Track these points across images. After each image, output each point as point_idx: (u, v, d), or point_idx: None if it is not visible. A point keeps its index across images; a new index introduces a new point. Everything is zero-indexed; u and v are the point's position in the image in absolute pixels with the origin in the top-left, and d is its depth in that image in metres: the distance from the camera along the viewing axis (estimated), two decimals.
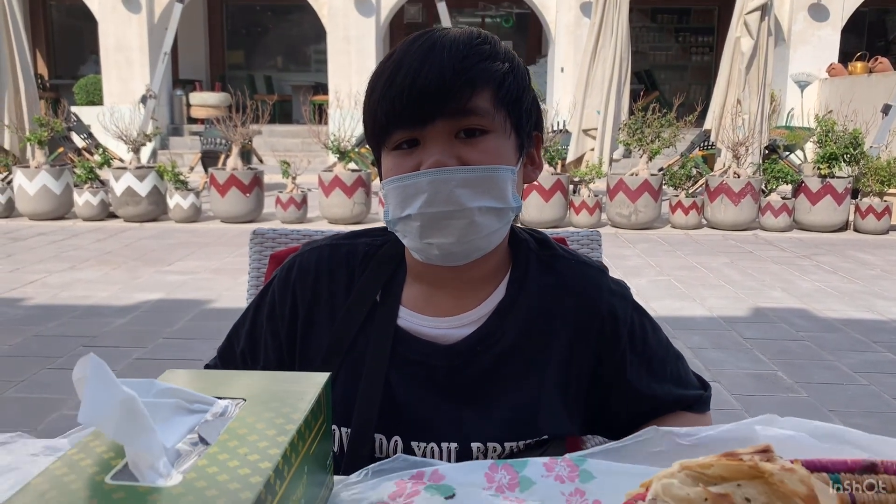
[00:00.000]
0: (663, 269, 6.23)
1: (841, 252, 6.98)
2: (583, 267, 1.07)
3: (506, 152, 0.94)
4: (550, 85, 13.63)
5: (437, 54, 0.90)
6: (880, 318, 4.84)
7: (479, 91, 0.91)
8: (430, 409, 0.97)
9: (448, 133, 0.91)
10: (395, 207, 0.94)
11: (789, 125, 11.64)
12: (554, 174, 7.96)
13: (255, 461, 0.53)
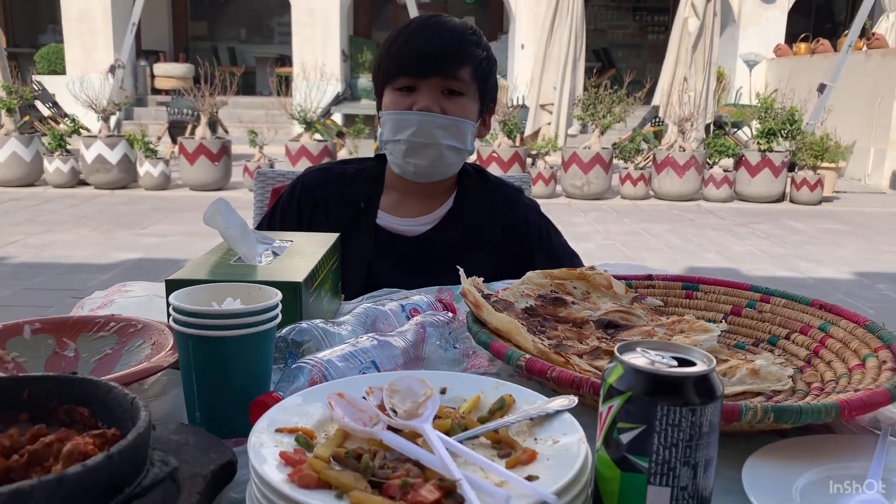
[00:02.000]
0: (610, 235, 6.69)
1: (776, 220, 7.53)
2: (506, 187, 1.52)
3: (472, 112, 1.43)
4: (511, 61, 13.98)
5: (444, 33, 1.40)
6: (800, 276, 5.37)
7: (464, 65, 1.40)
8: (400, 283, 1.36)
9: (437, 88, 1.40)
10: (389, 132, 1.39)
11: (738, 102, 12.19)
12: (512, 147, 8.36)
13: (304, 264, 0.93)
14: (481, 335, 0.83)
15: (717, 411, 0.54)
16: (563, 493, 0.52)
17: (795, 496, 0.62)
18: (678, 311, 1.03)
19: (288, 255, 0.99)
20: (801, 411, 0.66)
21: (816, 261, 5.83)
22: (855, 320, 0.89)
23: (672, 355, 0.56)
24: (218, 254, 0.99)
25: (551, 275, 1.04)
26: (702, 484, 0.53)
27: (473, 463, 0.57)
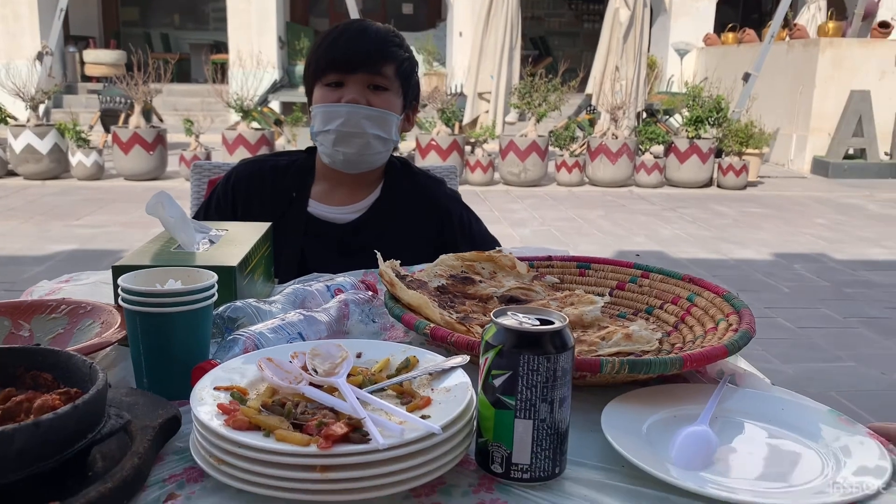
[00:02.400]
0: (546, 221, 6.91)
1: (703, 205, 7.87)
2: (429, 178, 1.65)
3: (396, 106, 1.58)
4: (449, 49, 14.09)
5: (369, 34, 1.56)
6: (722, 258, 5.66)
7: (388, 63, 1.55)
8: (331, 267, 1.48)
9: (363, 83, 1.54)
10: (319, 124, 1.52)
11: (670, 90, 12.59)
12: (451, 135, 8.49)
13: (238, 251, 1.04)
14: (395, 309, 0.95)
15: (569, 359, 0.68)
16: (449, 426, 0.65)
17: (643, 430, 0.77)
18: (572, 286, 1.18)
19: (223, 243, 1.10)
20: (651, 363, 0.81)
21: (738, 243, 6.15)
22: (716, 291, 1.05)
23: (536, 317, 0.70)
24: (159, 242, 1.09)
25: (462, 257, 1.17)
26: (558, 417, 0.67)
27: (380, 409, 0.70)
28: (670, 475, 0.68)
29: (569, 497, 0.67)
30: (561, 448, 0.68)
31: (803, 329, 4.10)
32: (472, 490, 0.67)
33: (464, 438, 0.68)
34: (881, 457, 0.71)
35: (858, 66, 9.95)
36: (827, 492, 0.66)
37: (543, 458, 0.67)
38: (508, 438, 0.67)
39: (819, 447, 0.75)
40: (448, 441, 0.65)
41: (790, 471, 0.71)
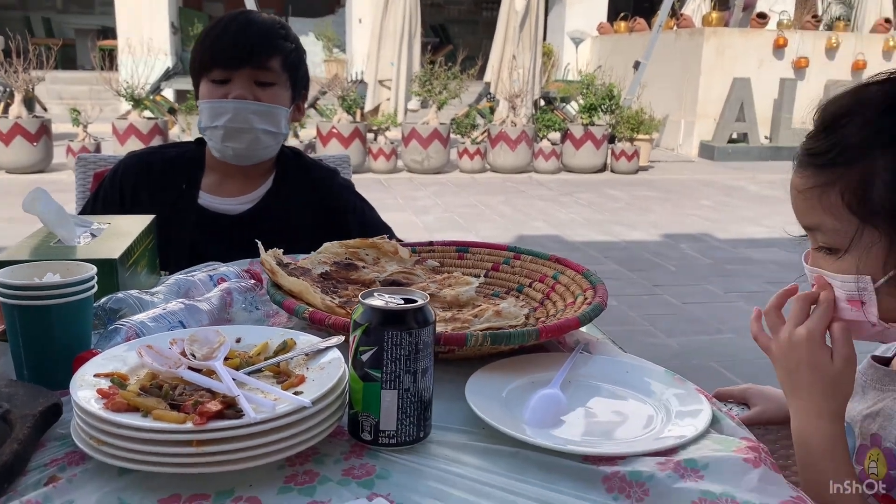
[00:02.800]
0: (449, 208, 7.02)
1: (597, 189, 8.18)
2: (322, 169, 1.69)
3: (284, 99, 1.60)
4: (349, 35, 13.97)
5: (253, 27, 1.56)
6: (614, 240, 5.93)
7: (274, 56, 1.55)
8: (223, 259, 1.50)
9: (250, 79, 1.55)
10: (206, 119, 1.54)
11: (566, 78, 12.95)
12: (352, 122, 8.47)
13: (120, 244, 1.05)
14: (277, 296, 1.00)
15: (430, 334, 0.74)
16: (320, 400, 0.71)
17: (503, 396, 0.85)
18: (451, 269, 1.25)
19: (105, 237, 1.11)
20: (510, 335, 0.89)
21: (630, 225, 6.44)
22: (577, 269, 1.15)
23: (401, 297, 0.76)
24: (38, 237, 1.09)
25: (346, 244, 1.22)
26: (421, 386, 0.74)
27: (256, 388, 0.74)
28: (522, 433, 0.76)
29: (432, 458, 0.74)
30: (425, 415, 0.75)
31: (687, 304, 4.37)
32: (343, 457, 0.73)
33: (335, 411, 0.74)
34: (703, 406, 0.81)
35: (739, 54, 10.53)
36: (660, 438, 0.76)
37: (408, 424, 0.74)
38: (376, 408, 0.73)
39: (654, 402, 0.85)
40: (319, 414, 0.71)
41: (630, 423, 0.81)
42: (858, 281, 0.82)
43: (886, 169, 0.78)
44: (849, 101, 0.84)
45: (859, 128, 0.80)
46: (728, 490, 0.66)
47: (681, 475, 0.68)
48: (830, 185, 0.82)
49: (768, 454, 0.72)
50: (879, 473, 0.87)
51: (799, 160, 0.86)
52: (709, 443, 0.74)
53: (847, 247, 0.82)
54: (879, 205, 0.79)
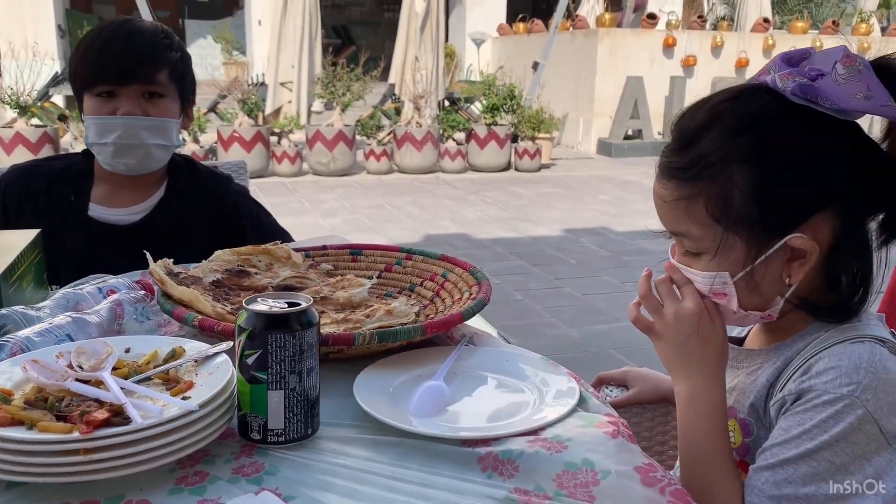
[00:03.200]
0: (356, 209, 7.02)
1: (502, 188, 8.35)
2: (215, 175, 1.70)
3: (174, 110, 1.59)
4: (249, 37, 13.74)
5: (137, 39, 1.52)
6: (519, 236, 6.09)
7: (161, 69, 1.53)
8: (116, 270, 1.48)
9: (138, 93, 1.53)
10: (94, 136, 1.52)
11: (469, 79, 13.13)
12: (254, 126, 8.34)
13: (3, 261, 1.04)
14: (166, 305, 1.01)
15: (315, 335, 0.78)
16: (207, 404, 0.74)
17: (391, 390, 0.90)
18: (344, 272, 1.29)
19: None
20: (397, 332, 0.94)
21: (534, 221, 6.63)
22: (464, 267, 1.21)
23: (286, 301, 0.79)
24: None
25: (238, 251, 1.24)
26: (307, 385, 0.78)
27: (145, 395, 0.77)
28: (407, 424, 0.81)
29: (320, 452, 0.78)
30: (312, 412, 0.79)
31: (587, 296, 4.54)
32: (233, 457, 0.76)
33: (224, 413, 0.77)
34: (572, 388, 0.88)
35: (632, 54, 10.97)
36: (532, 419, 0.82)
37: (296, 422, 0.78)
38: (263, 408, 0.77)
39: (529, 386, 0.91)
40: (207, 417, 0.74)
41: (507, 407, 0.87)
42: (718, 277, 0.90)
43: (745, 182, 0.86)
44: (704, 117, 0.90)
45: (717, 144, 0.87)
46: (588, 458, 0.73)
47: (547, 450, 0.74)
48: (695, 198, 0.89)
49: (627, 427, 0.80)
50: (736, 441, 0.96)
51: (661, 171, 0.93)
52: (574, 420, 0.81)
53: (714, 251, 0.90)
54: (738, 214, 0.87)
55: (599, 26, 11.23)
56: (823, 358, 0.86)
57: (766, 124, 0.87)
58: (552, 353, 3.96)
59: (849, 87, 0.82)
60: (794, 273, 0.89)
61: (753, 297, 0.91)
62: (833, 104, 0.84)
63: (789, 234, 0.86)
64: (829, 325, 0.91)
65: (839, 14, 14.69)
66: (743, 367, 1.00)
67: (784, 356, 0.93)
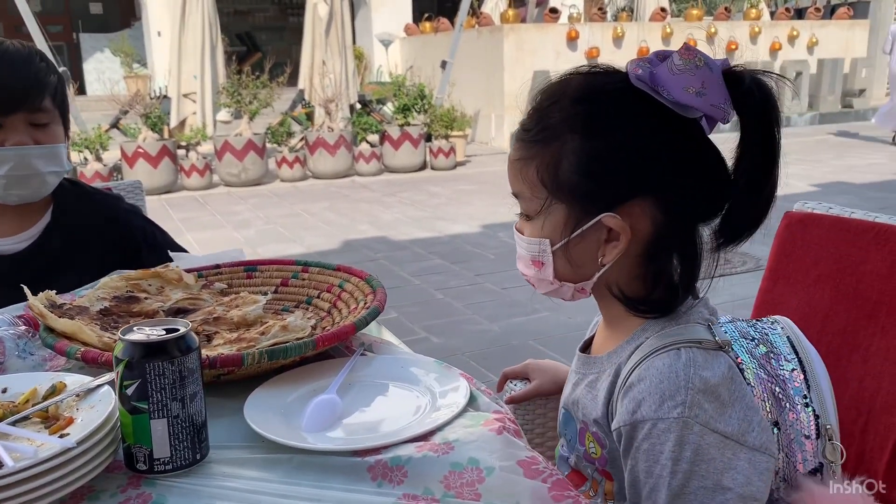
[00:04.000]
0: (271, 219, 6.91)
1: (419, 187, 8.38)
2: (104, 196, 1.67)
3: (60, 135, 1.56)
4: (149, 49, 13.32)
5: (17, 65, 1.46)
6: (437, 235, 6.12)
7: (45, 96, 1.49)
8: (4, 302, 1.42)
9: (25, 122, 1.49)
10: None
11: (380, 80, 13.10)
12: (159, 140, 8.09)
13: None
14: (48, 339, 0.98)
15: (195, 359, 0.78)
16: (86, 440, 0.72)
17: (283, 407, 0.90)
18: (239, 290, 1.27)
19: None
20: (287, 349, 0.94)
21: (451, 219, 6.67)
22: (360, 276, 1.21)
23: (164, 328, 0.78)
24: None
25: (127, 277, 1.21)
26: (192, 411, 0.77)
27: (21, 436, 0.74)
28: (300, 440, 0.81)
29: (210, 476, 0.77)
30: (199, 437, 0.78)
31: (506, 290, 4.61)
32: (120, 490, 0.75)
33: (106, 447, 0.75)
34: (462, 389, 0.91)
35: (537, 48, 11.17)
36: (422, 424, 0.84)
37: (182, 448, 0.77)
38: (147, 438, 0.75)
39: (422, 390, 0.93)
40: (86, 453, 0.72)
41: (400, 414, 0.88)
42: (539, 243, 0.93)
43: (574, 152, 0.89)
44: (556, 87, 0.94)
45: (559, 112, 0.91)
46: (473, 457, 0.75)
47: (434, 452, 0.76)
48: (531, 160, 0.92)
49: (514, 423, 0.82)
50: (597, 453, 0.97)
51: (514, 134, 0.98)
52: (463, 421, 0.83)
53: (537, 213, 0.93)
54: (563, 182, 0.90)
55: (504, 22, 11.39)
56: (644, 379, 0.86)
57: (603, 99, 0.90)
58: (474, 348, 3.99)
59: (682, 79, 0.84)
60: (608, 253, 0.91)
61: (569, 269, 0.94)
62: (669, 94, 0.86)
63: (605, 212, 0.89)
64: (653, 326, 0.92)
65: (730, 0, 15.36)
66: (584, 377, 1.00)
67: (615, 364, 0.94)
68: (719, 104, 0.85)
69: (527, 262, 0.97)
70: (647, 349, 0.89)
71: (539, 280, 0.97)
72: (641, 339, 0.92)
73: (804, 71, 12.74)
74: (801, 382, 1.00)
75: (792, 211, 1.41)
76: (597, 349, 1.04)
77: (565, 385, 1.08)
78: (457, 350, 3.70)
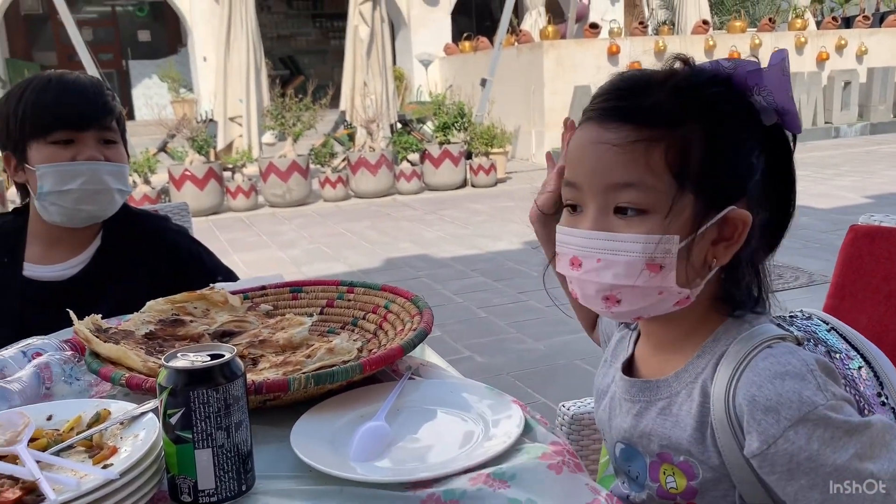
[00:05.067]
0: (315, 238, 6.95)
1: (460, 205, 8.36)
2: (151, 217, 1.69)
3: (125, 156, 1.60)
4: (195, 74, 13.63)
5: (88, 88, 1.53)
6: (479, 252, 6.08)
7: (112, 117, 1.56)
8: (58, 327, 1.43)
9: (96, 139, 1.54)
10: (52, 184, 1.49)
11: (420, 100, 13.18)
12: (206, 163, 8.23)
13: None
14: (93, 364, 0.97)
15: (241, 387, 0.75)
16: (129, 471, 0.70)
17: (331, 435, 0.86)
18: (285, 311, 1.25)
19: None
20: (333, 374, 0.91)
21: (493, 236, 6.63)
22: (406, 296, 1.18)
23: (208, 353, 0.76)
24: None
25: (172, 300, 1.20)
26: (237, 440, 0.75)
27: (65, 467, 0.72)
28: (348, 470, 0.78)
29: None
30: (244, 467, 0.76)
31: (550, 307, 4.54)
32: None
33: (150, 478, 0.73)
34: (516, 418, 0.86)
35: (578, 63, 11.11)
36: (474, 454, 0.80)
37: (228, 480, 0.74)
38: (192, 469, 0.73)
39: (474, 418, 0.89)
40: (130, 485, 0.70)
41: (451, 443, 0.84)
42: (664, 241, 0.81)
43: (699, 139, 0.81)
44: (655, 73, 0.87)
45: (672, 96, 0.83)
46: (531, 497, 0.70)
47: (489, 486, 0.72)
48: (656, 142, 0.81)
49: (573, 455, 0.78)
50: (679, 486, 0.88)
51: (610, 114, 0.84)
52: (518, 453, 0.79)
53: (667, 209, 0.81)
54: (694, 171, 0.81)
55: (543, 39, 11.36)
56: (762, 386, 0.78)
57: (715, 90, 0.84)
58: (519, 368, 3.93)
59: (787, 84, 0.82)
60: (720, 255, 0.84)
61: (686, 272, 0.83)
62: (769, 94, 0.82)
63: (731, 206, 0.82)
64: (724, 337, 0.86)
65: (775, 11, 15.11)
66: (649, 404, 0.90)
67: (695, 384, 0.86)
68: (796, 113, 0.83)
69: (633, 269, 0.81)
70: (736, 357, 0.82)
71: (643, 290, 0.82)
72: (717, 350, 0.85)
73: (853, 80, 12.42)
74: (871, 380, 0.92)
75: (857, 224, 1.34)
76: (652, 371, 0.93)
77: (610, 416, 0.97)
78: (501, 370, 3.64)
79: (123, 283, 1.59)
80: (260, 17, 9.61)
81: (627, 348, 0.99)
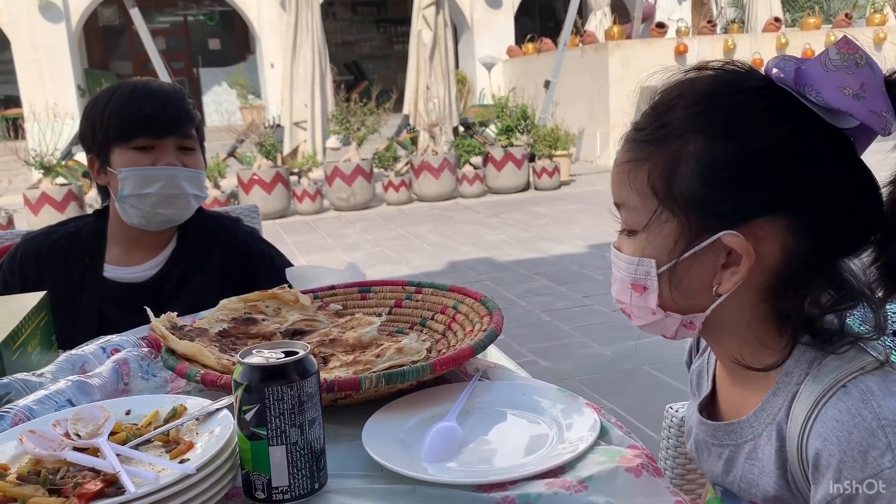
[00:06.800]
0: (378, 242, 7.02)
1: (522, 208, 8.31)
2: (223, 219, 1.72)
3: (202, 163, 1.65)
4: (263, 81, 13.95)
5: (170, 97, 1.58)
6: (542, 256, 6.03)
7: (191, 125, 1.61)
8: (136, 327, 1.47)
9: (175, 146, 1.59)
10: (134, 187, 1.54)
11: (482, 103, 13.17)
12: (273, 167, 8.41)
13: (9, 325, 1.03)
14: (169, 361, 0.99)
15: (314, 384, 0.75)
16: (205, 466, 0.70)
17: (402, 434, 0.86)
18: (354, 311, 1.26)
19: None
20: (404, 373, 0.90)
21: (556, 240, 6.56)
22: (475, 297, 1.17)
23: (282, 350, 0.76)
24: None
25: (245, 299, 1.22)
26: (310, 438, 0.74)
27: (143, 461, 0.73)
28: (420, 470, 0.77)
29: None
30: (317, 465, 0.75)
31: (616, 312, 4.44)
32: None
33: (225, 474, 0.73)
34: (592, 421, 0.84)
35: (644, 63, 10.86)
36: (549, 457, 0.78)
37: (301, 477, 0.74)
38: (266, 466, 0.73)
39: (547, 420, 0.87)
40: (206, 480, 0.70)
41: (524, 446, 0.83)
42: (642, 263, 0.79)
43: (695, 155, 0.76)
44: (682, 85, 0.82)
45: (681, 109, 0.79)
46: (611, 500, 0.68)
47: (567, 490, 0.70)
48: (641, 163, 0.79)
49: (652, 460, 0.75)
50: None
51: (625, 136, 0.85)
52: (595, 456, 0.76)
53: (643, 226, 0.79)
54: (678, 190, 0.77)
55: (609, 39, 11.20)
56: (828, 439, 0.72)
57: (736, 98, 0.77)
58: (585, 373, 3.87)
59: (837, 77, 0.72)
60: (725, 281, 0.77)
61: (677, 297, 0.79)
62: (818, 95, 0.73)
63: (726, 230, 0.75)
64: (798, 368, 0.77)
65: (851, 6, 14.53)
66: (738, 448, 0.85)
67: (772, 424, 0.79)
68: (880, 111, 0.72)
69: (624, 287, 0.82)
70: (809, 399, 0.75)
71: (638, 308, 0.82)
72: (791, 386, 0.78)
73: None
74: None
75: None
76: (731, 410, 0.88)
77: (699, 458, 0.92)
78: (567, 375, 3.59)
79: (197, 283, 1.63)
80: (325, 24, 9.77)
81: (707, 383, 0.94)
